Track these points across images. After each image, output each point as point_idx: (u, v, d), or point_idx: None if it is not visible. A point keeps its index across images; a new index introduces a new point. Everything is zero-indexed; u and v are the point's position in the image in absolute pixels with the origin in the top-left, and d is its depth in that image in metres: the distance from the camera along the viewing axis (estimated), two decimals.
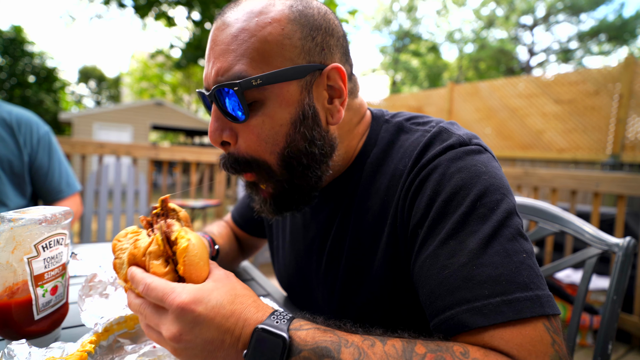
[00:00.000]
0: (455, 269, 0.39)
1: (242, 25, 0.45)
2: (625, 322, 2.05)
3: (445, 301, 0.39)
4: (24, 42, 13.91)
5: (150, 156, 2.82)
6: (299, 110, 0.47)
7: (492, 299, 0.36)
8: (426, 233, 0.43)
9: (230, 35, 0.45)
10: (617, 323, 0.66)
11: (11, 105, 1.17)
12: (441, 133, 0.48)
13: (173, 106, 14.27)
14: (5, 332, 0.48)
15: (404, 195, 0.47)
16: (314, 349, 0.35)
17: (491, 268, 0.37)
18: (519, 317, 0.35)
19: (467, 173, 0.43)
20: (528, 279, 0.37)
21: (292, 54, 0.46)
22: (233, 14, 0.46)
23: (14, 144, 1.12)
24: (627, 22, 12.96)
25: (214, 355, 0.36)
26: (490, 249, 0.38)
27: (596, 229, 0.73)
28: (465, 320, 0.36)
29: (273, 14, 0.45)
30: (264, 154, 0.48)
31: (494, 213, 0.41)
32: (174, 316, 0.36)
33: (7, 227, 0.46)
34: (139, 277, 0.39)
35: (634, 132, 3.69)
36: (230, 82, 0.44)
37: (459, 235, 0.40)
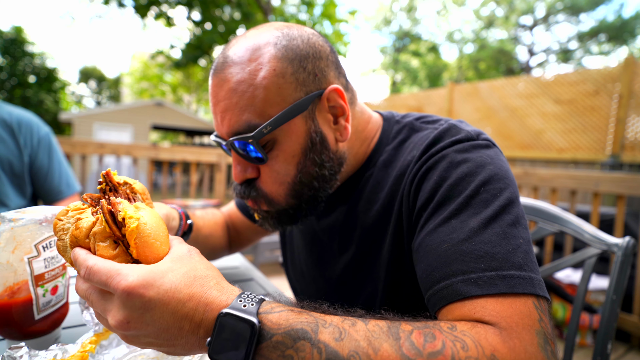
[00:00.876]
0: (454, 243, 0.40)
1: (238, 78, 0.48)
2: (625, 322, 2.05)
3: (441, 272, 0.40)
4: (24, 42, 13.91)
5: (151, 156, 2.82)
6: (307, 139, 0.51)
7: (488, 272, 0.37)
8: (429, 214, 0.45)
9: (229, 91, 0.48)
10: (616, 323, 0.66)
11: (12, 106, 1.17)
12: (450, 129, 0.51)
13: (173, 106, 14.27)
14: (5, 331, 0.48)
15: (411, 182, 0.50)
16: (288, 332, 0.32)
17: (489, 245, 0.39)
18: (511, 291, 0.36)
19: (473, 162, 0.45)
20: (523, 261, 0.38)
21: (289, 90, 0.48)
22: (225, 68, 0.49)
23: (14, 145, 1.13)
24: (626, 22, 12.96)
25: (171, 343, 0.33)
26: (490, 229, 0.40)
27: (596, 229, 0.73)
28: (460, 289, 0.37)
29: (261, 58, 0.48)
30: (274, 186, 0.52)
31: (496, 199, 0.42)
32: (120, 301, 0.32)
33: (8, 227, 0.46)
34: (81, 259, 0.35)
35: (633, 132, 3.69)
36: (244, 135, 0.48)
37: (460, 216, 0.42)
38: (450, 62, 19.07)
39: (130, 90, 24.45)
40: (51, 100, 15.19)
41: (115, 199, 0.38)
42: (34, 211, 0.49)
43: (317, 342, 0.31)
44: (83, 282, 0.36)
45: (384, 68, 21.23)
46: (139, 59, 23.03)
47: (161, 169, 7.36)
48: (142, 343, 0.34)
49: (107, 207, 0.37)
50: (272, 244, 2.79)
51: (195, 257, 0.38)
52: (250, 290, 0.73)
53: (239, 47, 0.50)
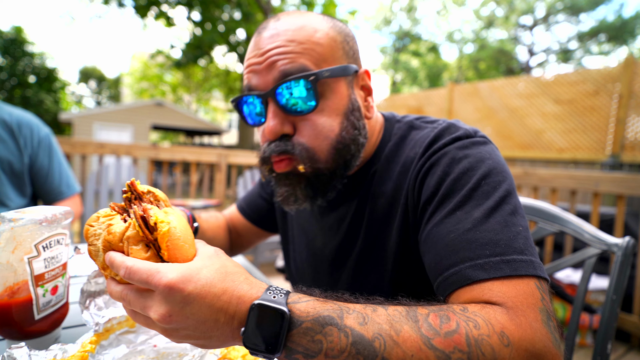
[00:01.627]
0: (460, 233, 0.43)
1: (294, 33, 0.51)
2: (625, 322, 2.05)
3: (450, 260, 0.43)
4: (24, 42, 13.91)
5: (151, 156, 2.82)
6: (348, 102, 0.54)
7: (493, 257, 0.40)
8: (435, 207, 0.48)
9: (285, 40, 0.51)
10: (616, 323, 0.66)
11: (12, 107, 1.18)
12: (449, 127, 0.54)
13: (173, 106, 14.27)
14: (5, 331, 0.48)
15: (415, 177, 0.53)
16: (317, 319, 0.34)
17: (492, 233, 0.42)
18: (515, 273, 0.39)
19: (473, 158, 0.49)
20: (523, 246, 0.42)
21: (338, 54, 0.53)
22: (279, 26, 0.52)
23: (15, 145, 1.13)
24: (626, 22, 12.96)
25: (208, 335, 0.36)
26: (492, 219, 0.43)
27: (595, 229, 0.73)
28: (469, 274, 0.40)
29: (315, 24, 0.53)
30: (317, 141, 0.53)
31: (496, 191, 0.46)
32: (162, 297, 0.34)
33: (8, 227, 0.46)
34: (118, 261, 0.37)
35: (633, 132, 3.69)
36: (306, 73, 0.50)
37: (464, 207, 0.45)
38: (450, 62, 19.07)
39: (130, 90, 24.46)
40: (51, 100, 15.19)
41: (147, 205, 0.40)
42: (34, 211, 0.49)
43: (344, 326, 0.34)
44: (116, 284, 0.39)
45: (384, 68, 21.23)
46: (139, 59, 23.03)
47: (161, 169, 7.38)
48: (180, 336, 0.36)
49: (139, 212, 0.39)
50: (272, 244, 2.79)
51: (222, 255, 0.41)
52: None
53: (289, 17, 0.53)
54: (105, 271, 0.40)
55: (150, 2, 7.49)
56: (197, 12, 7.90)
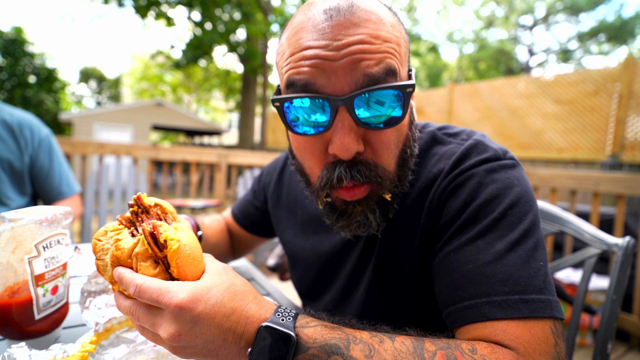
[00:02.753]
0: (480, 264, 0.41)
1: (377, 27, 0.41)
2: (625, 322, 2.05)
3: (466, 291, 0.41)
4: (24, 42, 13.91)
5: (151, 156, 2.82)
6: (411, 113, 0.50)
7: (511, 296, 0.39)
8: (455, 231, 0.45)
9: (369, 35, 0.40)
10: (616, 323, 0.66)
11: (13, 108, 1.19)
12: (477, 145, 0.50)
13: (173, 106, 14.27)
14: (5, 331, 0.48)
15: (439, 197, 0.49)
16: (323, 347, 0.34)
17: (513, 269, 0.40)
18: (532, 315, 0.38)
19: (501, 184, 0.46)
20: (543, 284, 0.40)
21: (407, 57, 0.47)
22: (357, 12, 0.41)
23: (15, 145, 1.14)
24: (626, 22, 12.96)
25: (215, 353, 0.36)
26: (514, 253, 0.41)
27: (595, 229, 0.73)
28: (485, 311, 0.39)
29: (391, 18, 0.44)
30: (387, 157, 0.45)
31: (521, 222, 0.44)
32: (172, 316, 0.34)
33: (8, 227, 0.46)
34: (128, 278, 0.37)
35: (633, 132, 3.69)
36: (405, 83, 0.41)
37: (487, 237, 0.43)
38: (450, 62, 19.07)
39: (131, 90, 24.46)
40: (51, 100, 15.19)
41: (156, 222, 0.40)
42: (34, 211, 0.49)
43: (349, 357, 0.34)
44: (124, 299, 0.39)
45: None
46: (139, 59, 23.03)
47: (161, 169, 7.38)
48: (187, 354, 0.36)
49: (148, 230, 0.39)
50: (272, 245, 2.79)
51: (231, 273, 0.40)
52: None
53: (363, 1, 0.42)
54: (114, 285, 0.40)
55: (150, 2, 7.49)
56: (197, 12, 7.90)
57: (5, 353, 0.38)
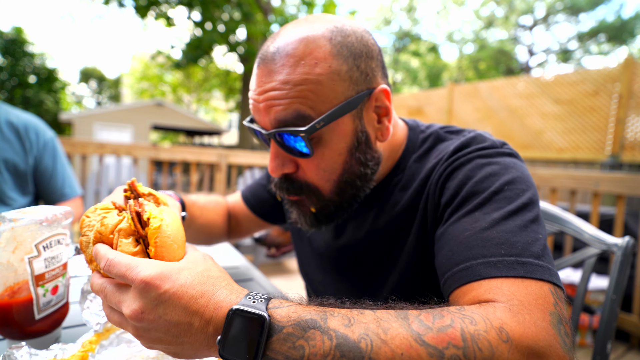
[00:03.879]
0: (477, 231, 0.42)
1: (290, 70, 0.46)
2: (624, 322, 2.05)
3: (462, 256, 0.41)
4: (24, 42, 13.92)
5: (151, 156, 2.82)
6: (353, 138, 0.50)
7: (507, 257, 0.38)
8: (454, 208, 0.47)
9: (280, 82, 0.46)
10: (616, 322, 0.66)
11: (19, 110, 1.22)
12: (476, 137, 0.53)
13: (173, 106, 14.28)
14: (6, 331, 0.48)
15: (437, 181, 0.51)
16: (298, 323, 0.32)
17: (510, 234, 0.40)
18: (529, 275, 0.37)
19: (498, 165, 0.48)
20: (541, 253, 0.39)
21: (342, 88, 0.47)
22: (277, 59, 0.47)
23: (20, 147, 1.17)
24: (626, 22, 12.96)
25: (180, 340, 0.33)
26: (512, 221, 0.42)
27: (595, 229, 0.73)
28: (480, 271, 0.38)
29: (317, 53, 0.46)
30: (321, 182, 0.52)
31: (519, 197, 0.44)
32: (136, 292, 0.33)
33: (8, 227, 0.46)
34: (102, 252, 0.36)
35: (633, 132, 3.70)
36: (295, 129, 0.46)
37: (484, 209, 0.44)
38: (450, 62, 19.07)
39: (131, 90, 24.46)
40: (51, 100, 15.19)
41: (144, 201, 0.41)
42: (35, 211, 0.49)
43: (327, 329, 0.32)
44: (99, 277, 0.38)
45: None
46: (139, 59, 23.03)
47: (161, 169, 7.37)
48: (151, 339, 0.34)
49: (134, 207, 0.39)
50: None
51: (209, 261, 0.40)
52: (251, 289, 0.73)
53: (292, 38, 0.47)
54: (91, 264, 0.39)
55: (150, 2, 7.50)
56: (197, 12, 7.91)
57: (5, 352, 0.38)
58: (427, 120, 4.02)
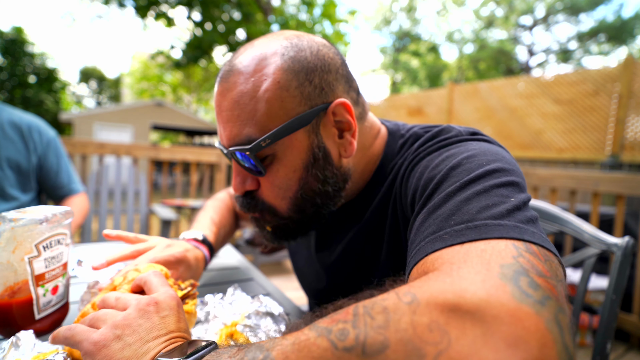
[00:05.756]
0: (430, 211, 0.37)
1: (240, 89, 0.47)
2: (624, 322, 2.05)
3: (414, 243, 0.36)
4: (24, 42, 13.91)
5: (151, 156, 2.82)
6: (309, 154, 0.49)
7: (457, 226, 0.32)
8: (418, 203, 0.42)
9: (232, 101, 0.47)
10: (616, 322, 0.66)
11: (20, 111, 1.26)
12: (443, 129, 0.51)
13: (173, 106, 14.28)
14: (6, 331, 0.48)
15: (400, 181, 0.51)
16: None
17: (463, 203, 0.34)
18: (481, 237, 0.29)
19: (455, 149, 0.44)
20: (507, 213, 0.31)
21: (293, 104, 0.47)
22: (230, 77, 0.48)
23: (23, 146, 1.20)
24: (626, 22, 12.96)
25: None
26: (468, 189, 0.35)
27: (595, 229, 0.73)
28: (426, 248, 0.32)
29: (266, 69, 0.46)
30: (277, 200, 0.51)
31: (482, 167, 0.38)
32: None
33: (8, 227, 0.46)
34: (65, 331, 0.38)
35: (633, 132, 3.70)
36: (242, 147, 0.47)
37: (440, 187, 0.39)
38: (450, 62, 19.06)
39: (131, 90, 24.46)
40: (51, 100, 15.19)
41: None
42: (35, 211, 0.49)
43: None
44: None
45: (384, 68, 21.22)
46: (139, 59, 23.03)
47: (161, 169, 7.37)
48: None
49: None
50: None
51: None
52: (250, 290, 0.73)
53: (246, 56, 0.48)
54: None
55: (150, 2, 7.50)
56: (197, 12, 7.91)
57: (13, 338, 0.39)
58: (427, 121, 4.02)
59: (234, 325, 0.49)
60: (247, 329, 0.49)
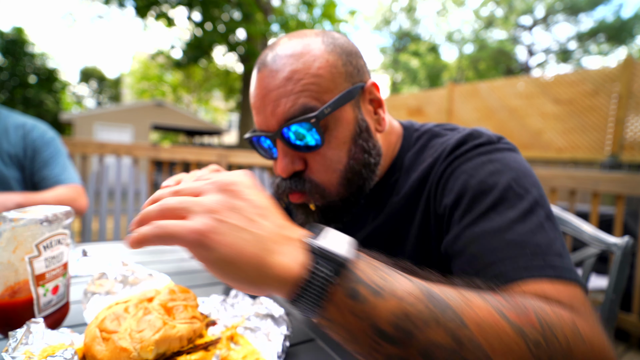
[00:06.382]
0: (496, 234, 0.42)
1: (292, 68, 0.49)
2: (624, 321, 2.06)
3: (486, 260, 0.41)
4: (25, 43, 13.92)
5: (151, 156, 2.82)
6: (356, 126, 0.53)
7: (534, 257, 0.38)
8: (464, 210, 0.46)
9: (283, 79, 0.49)
10: (615, 322, 0.66)
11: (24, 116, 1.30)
12: (472, 133, 0.54)
13: (173, 106, 14.29)
14: (6, 331, 0.48)
15: (437, 181, 0.52)
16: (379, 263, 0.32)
17: (530, 235, 0.41)
18: (561, 276, 0.37)
19: (499, 162, 0.48)
20: (563, 252, 0.40)
21: (341, 79, 0.51)
22: (277, 60, 0.50)
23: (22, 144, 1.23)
24: (625, 22, 12.97)
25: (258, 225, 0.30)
26: (529, 221, 0.42)
27: (595, 229, 0.73)
28: (510, 275, 0.38)
29: (314, 51, 0.50)
30: (327, 174, 0.53)
31: (529, 193, 0.45)
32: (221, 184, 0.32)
33: (9, 227, 0.46)
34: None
35: (632, 132, 3.70)
36: (305, 116, 0.48)
37: (498, 209, 0.44)
38: (450, 62, 19.06)
39: (131, 90, 24.47)
40: (52, 100, 15.20)
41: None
42: (35, 211, 0.50)
43: (409, 278, 0.31)
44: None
45: (384, 68, 21.23)
46: (140, 59, 23.04)
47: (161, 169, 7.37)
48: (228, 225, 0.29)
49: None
50: None
51: None
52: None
53: (289, 44, 0.51)
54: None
55: (150, 2, 7.50)
56: (197, 13, 7.91)
57: (25, 325, 0.40)
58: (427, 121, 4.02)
59: (235, 328, 0.49)
60: (247, 331, 0.49)
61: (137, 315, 0.43)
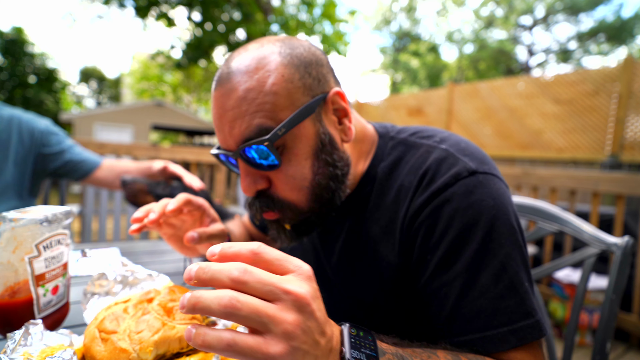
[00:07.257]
0: (467, 298, 0.45)
1: (246, 86, 0.47)
2: (624, 321, 2.06)
3: (461, 327, 0.45)
4: (25, 43, 13.92)
5: (151, 156, 2.82)
6: (317, 140, 0.51)
7: (501, 328, 0.44)
8: (439, 259, 0.48)
9: (238, 99, 0.48)
10: (615, 322, 0.66)
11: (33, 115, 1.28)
12: (447, 158, 0.51)
13: (173, 106, 14.29)
14: (6, 331, 0.48)
15: (412, 216, 0.51)
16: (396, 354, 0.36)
17: (500, 300, 0.44)
18: (522, 343, 0.43)
19: (477, 208, 0.48)
20: (530, 308, 0.44)
21: (298, 94, 0.49)
22: (232, 78, 0.48)
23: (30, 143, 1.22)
24: (625, 22, 12.97)
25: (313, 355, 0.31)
26: (500, 284, 0.45)
27: (595, 229, 0.73)
28: (481, 346, 0.44)
29: (268, 66, 0.48)
30: (294, 192, 0.51)
31: (502, 248, 0.46)
32: (292, 305, 0.29)
33: (9, 227, 0.46)
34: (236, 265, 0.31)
35: (632, 132, 3.70)
36: (259, 139, 0.47)
37: (471, 270, 0.46)
38: (450, 62, 19.06)
39: (131, 90, 24.46)
40: (52, 100, 15.20)
41: None
42: (35, 211, 0.50)
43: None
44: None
45: (384, 68, 21.23)
46: (140, 59, 23.04)
47: None
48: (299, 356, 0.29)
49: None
50: None
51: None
52: None
53: (243, 58, 0.49)
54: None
55: (150, 2, 7.50)
56: (197, 13, 7.91)
57: (24, 327, 0.39)
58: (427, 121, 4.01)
59: (235, 328, 0.49)
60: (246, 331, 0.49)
61: (137, 315, 0.43)
